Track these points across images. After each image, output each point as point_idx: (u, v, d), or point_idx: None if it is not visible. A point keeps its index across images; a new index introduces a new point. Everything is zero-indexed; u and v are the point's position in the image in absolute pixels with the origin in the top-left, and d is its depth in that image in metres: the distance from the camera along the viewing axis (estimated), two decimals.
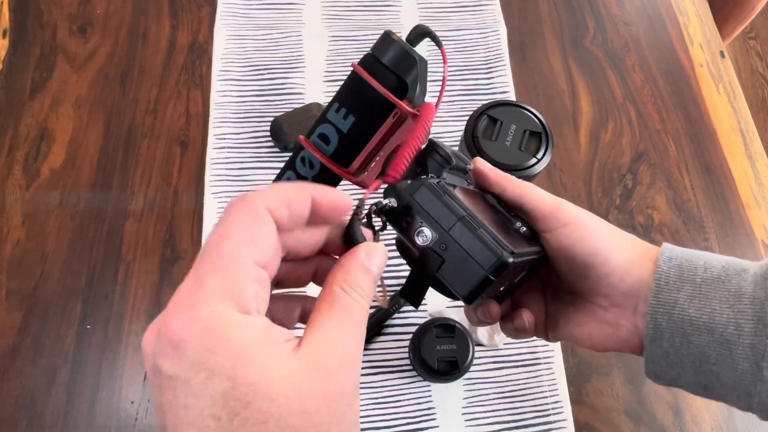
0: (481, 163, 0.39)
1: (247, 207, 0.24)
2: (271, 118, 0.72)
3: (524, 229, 0.37)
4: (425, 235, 0.30)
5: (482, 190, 0.39)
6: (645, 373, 0.37)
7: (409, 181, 0.31)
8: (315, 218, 0.26)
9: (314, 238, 0.27)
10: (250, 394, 0.20)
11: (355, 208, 0.28)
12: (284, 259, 0.26)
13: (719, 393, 0.35)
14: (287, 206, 0.25)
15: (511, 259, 0.29)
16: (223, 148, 0.71)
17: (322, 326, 0.23)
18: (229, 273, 0.22)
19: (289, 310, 0.29)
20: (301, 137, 0.36)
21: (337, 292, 0.25)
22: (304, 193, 0.25)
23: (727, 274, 0.34)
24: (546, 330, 0.41)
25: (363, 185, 0.36)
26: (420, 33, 0.35)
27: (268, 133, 0.71)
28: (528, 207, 0.37)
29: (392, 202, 0.30)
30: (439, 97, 0.36)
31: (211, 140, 0.71)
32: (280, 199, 0.24)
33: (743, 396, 0.34)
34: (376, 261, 0.26)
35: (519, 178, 0.59)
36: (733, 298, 0.33)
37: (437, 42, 0.36)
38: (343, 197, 0.27)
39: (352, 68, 0.35)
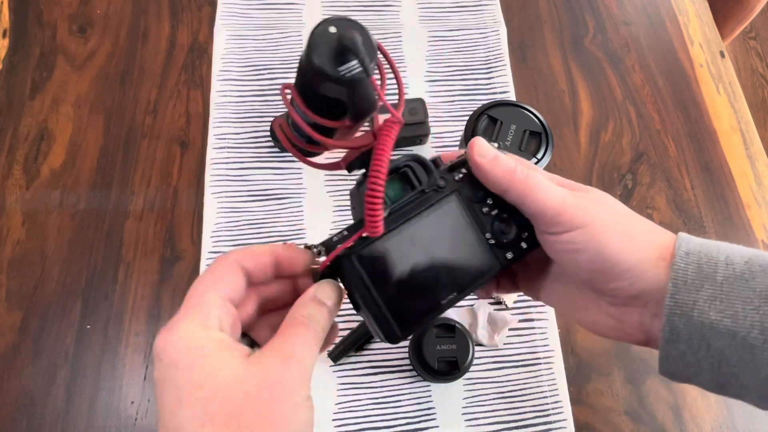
0: (478, 155, 0.35)
1: (222, 259, 0.32)
2: (271, 118, 0.72)
3: (493, 241, 0.36)
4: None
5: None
6: (659, 371, 0.35)
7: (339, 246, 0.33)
8: (283, 270, 0.34)
9: (284, 288, 0.36)
10: (202, 380, 0.28)
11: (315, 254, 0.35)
12: (266, 309, 0.35)
13: (737, 392, 0.33)
14: (253, 258, 0.33)
15: (396, 341, 0.34)
16: (223, 148, 0.71)
17: (272, 342, 0.31)
18: (198, 303, 0.30)
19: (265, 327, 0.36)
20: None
21: (288, 320, 0.32)
22: (267, 251, 0.34)
23: (752, 272, 0.32)
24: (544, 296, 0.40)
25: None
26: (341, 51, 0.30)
27: (268, 133, 0.71)
28: (530, 212, 0.35)
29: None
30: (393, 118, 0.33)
31: (211, 140, 0.71)
32: (248, 254, 0.33)
33: (764, 398, 0.32)
34: (326, 294, 0.33)
35: None
36: (758, 299, 0.31)
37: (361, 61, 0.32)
38: (299, 253, 0.34)
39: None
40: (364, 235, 0.33)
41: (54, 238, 0.66)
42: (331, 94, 0.31)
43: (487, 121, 0.61)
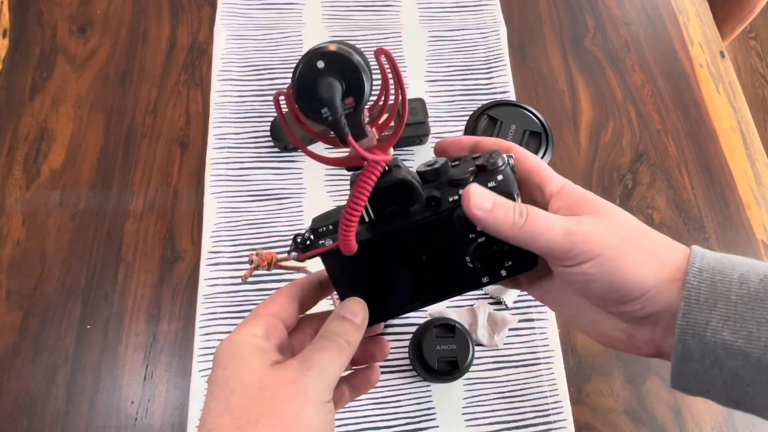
0: (476, 207, 0.33)
1: (279, 290, 0.38)
2: (271, 118, 0.72)
3: (471, 265, 0.36)
4: None
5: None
6: (671, 385, 0.34)
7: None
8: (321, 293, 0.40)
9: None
10: (229, 376, 0.33)
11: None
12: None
13: (752, 410, 0.33)
14: (301, 285, 0.39)
15: None
16: (223, 148, 0.71)
17: (300, 353, 0.35)
18: (251, 318, 0.36)
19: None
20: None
21: (318, 335, 0.35)
22: (315, 275, 0.39)
23: (767, 291, 0.31)
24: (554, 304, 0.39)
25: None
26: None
27: (268, 133, 0.72)
28: (538, 253, 0.34)
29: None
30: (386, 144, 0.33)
31: (211, 140, 0.71)
32: (298, 282, 0.39)
33: None
34: (351, 311, 0.36)
35: None
36: None
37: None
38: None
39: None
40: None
41: (54, 238, 0.66)
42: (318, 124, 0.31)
43: (487, 121, 0.61)
